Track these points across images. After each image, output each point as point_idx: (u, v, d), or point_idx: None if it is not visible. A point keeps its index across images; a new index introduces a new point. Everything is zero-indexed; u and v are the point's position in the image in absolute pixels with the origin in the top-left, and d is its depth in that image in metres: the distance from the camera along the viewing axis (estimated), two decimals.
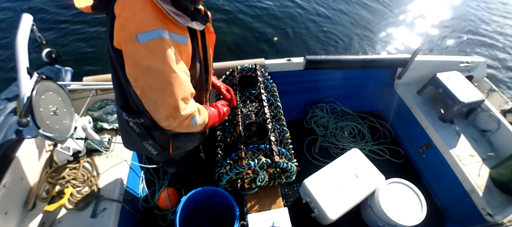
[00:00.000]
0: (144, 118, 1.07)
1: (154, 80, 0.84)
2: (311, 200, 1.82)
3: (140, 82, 0.86)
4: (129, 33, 0.79)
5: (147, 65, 0.82)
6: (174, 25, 0.85)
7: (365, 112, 2.88)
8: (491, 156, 2.06)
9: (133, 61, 0.83)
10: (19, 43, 1.19)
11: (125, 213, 1.60)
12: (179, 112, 0.92)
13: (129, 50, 0.81)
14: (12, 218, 1.33)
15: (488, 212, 1.78)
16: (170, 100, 0.88)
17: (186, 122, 0.99)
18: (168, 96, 0.87)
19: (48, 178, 1.55)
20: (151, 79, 0.83)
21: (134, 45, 0.79)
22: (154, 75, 0.83)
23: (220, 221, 1.86)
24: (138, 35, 0.78)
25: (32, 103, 1.13)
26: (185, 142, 1.29)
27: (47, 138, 1.20)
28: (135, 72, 0.84)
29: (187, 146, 1.33)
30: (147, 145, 1.17)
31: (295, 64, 2.28)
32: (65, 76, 1.69)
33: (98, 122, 1.88)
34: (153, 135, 1.14)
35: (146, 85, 0.85)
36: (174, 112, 0.91)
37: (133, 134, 1.14)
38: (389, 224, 1.77)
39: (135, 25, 0.78)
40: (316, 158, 2.50)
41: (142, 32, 0.78)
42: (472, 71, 2.48)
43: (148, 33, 0.78)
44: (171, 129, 0.99)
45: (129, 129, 1.13)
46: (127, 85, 0.95)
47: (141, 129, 1.11)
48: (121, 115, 1.13)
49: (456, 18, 5.88)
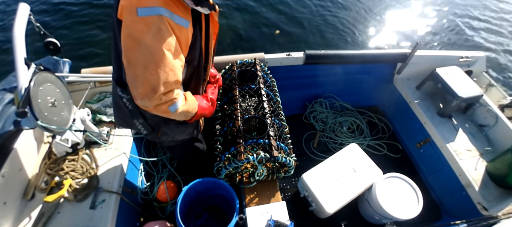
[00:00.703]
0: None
1: (141, 55, 0.84)
2: (309, 194, 1.84)
3: (127, 53, 0.86)
4: (130, 5, 0.81)
5: (139, 38, 0.82)
6: (177, 7, 0.85)
7: (364, 108, 2.88)
8: (488, 150, 2.08)
9: (127, 32, 0.84)
10: (17, 34, 1.18)
11: (124, 205, 1.61)
12: (156, 93, 0.89)
13: (127, 20, 0.83)
14: (11, 208, 1.34)
15: (483, 205, 1.81)
16: (150, 78, 0.86)
17: (164, 106, 0.96)
18: (150, 73, 0.86)
19: (47, 169, 1.55)
20: (138, 52, 0.84)
21: (132, 17, 0.81)
22: (142, 49, 0.83)
23: (219, 214, 1.87)
24: (138, 9, 0.80)
25: (30, 94, 1.13)
26: (174, 130, 1.27)
27: (45, 129, 1.20)
28: (126, 42, 0.85)
29: (176, 135, 1.32)
30: (137, 123, 1.17)
31: (295, 59, 2.27)
32: (63, 68, 1.68)
33: (97, 114, 1.87)
34: (144, 114, 1.14)
35: (132, 57, 0.85)
36: (150, 92, 0.89)
37: (125, 110, 1.14)
38: (386, 218, 1.80)
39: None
40: (314, 153, 2.51)
41: (143, 7, 0.80)
42: (471, 66, 2.49)
43: (148, 8, 0.80)
44: (147, 110, 0.98)
45: (122, 104, 1.14)
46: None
47: (133, 106, 1.10)
48: (115, 89, 1.13)
49: (456, 13, 5.85)
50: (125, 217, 1.64)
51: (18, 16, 1.22)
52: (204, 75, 1.21)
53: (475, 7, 6.18)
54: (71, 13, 4.40)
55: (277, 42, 4.45)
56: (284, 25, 4.75)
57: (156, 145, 2.25)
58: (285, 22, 4.81)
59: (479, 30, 5.52)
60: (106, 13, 4.45)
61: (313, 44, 4.58)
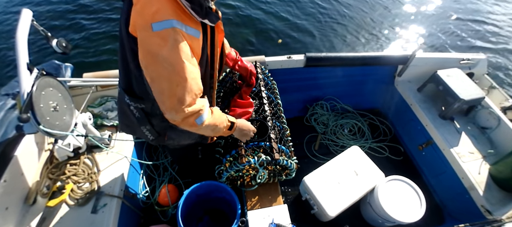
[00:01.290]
0: (146, 104, 1.09)
1: (162, 69, 0.85)
2: (310, 197, 1.83)
3: (149, 70, 0.88)
4: (144, 21, 0.82)
5: (157, 53, 0.83)
6: (188, 19, 0.88)
7: (365, 110, 2.88)
8: (491, 153, 2.07)
9: (145, 49, 0.85)
10: (19, 39, 1.19)
11: (125, 209, 1.61)
12: (183, 104, 0.91)
13: (143, 37, 0.84)
14: (13, 213, 1.34)
15: (487, 209, 1.79)
16: (176, 89, 0.88)
17: (191, 119, 0.97)
18: (175, 85, 0.88)
19: (49, 173, 1.55)
20: (160, 67, 0.85)
21: (148, 32, 0.82)
22: (163, 64, 0.84)
23: (221, 217, 1.86)
24: (153, 24, 0.81)
25: (32, 99, 1.14)
26: (180, 135, 1.29)
27: (47, 134, 1.20)
28: (146, 59, 0.87)
29: (181, 140, 1.33)
30: (144, 129, 1.19)
31: (296, 62, 2.27)
32: (65, 72, 1.69)
33: (99, 119, 1.88)
34: (151, 121, 1.16)
35: (155, 73, 0.87)
36: (177, 104, 0.91)
37: (132, 117, 1.16)
38: (388, 221, 1.78)
39: (151, 14, 0.81)
40: (316, 156, 2.50)
41: (157, 21, 0.81)
42: (472, 68, 2.48)
43: (162, 22, 0.81)
44: (176, 124, 0.98)
45: (128, 112, 1.15)
46: (136, 71, 0.96)
47: (141, 113, 1.12)
48: (122, 97, 1.14)
49: (457, 15, 5.85)
50: (127, 221, 1.64)
51: (21, 21, 1.23)
52: (210, 82, 1.22)
53: (477, 10, 6.18)
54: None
55: (279, 51, 4.43)
56: (287, 33, 4.74)
57: (157, 148, 2.26)
58: (287, 30, 4.81)
59: (481, 32, 5.52)
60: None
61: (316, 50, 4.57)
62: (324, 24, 5.06)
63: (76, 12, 4.54)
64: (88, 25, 4.36)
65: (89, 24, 4.37)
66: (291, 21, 5.00)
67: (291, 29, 4.83)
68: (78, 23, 4.37)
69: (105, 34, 4.22)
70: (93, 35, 4.20)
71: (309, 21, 5.07)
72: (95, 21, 4.44)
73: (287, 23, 4.94)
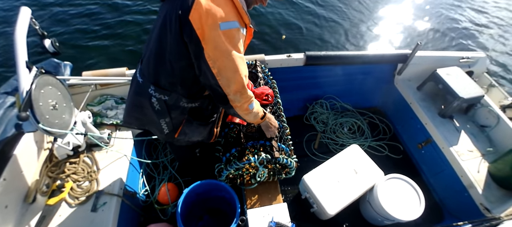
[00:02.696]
0: (170, 95, 1.17)
1: (229, 61, 1.02)
2: (310, 195, 1.83)
3: (218, 63, 1.01)
4: (213, 21, 0.95)
5: (225, 49, 0.99)
6: (243, 22, 1.05)
7: (364, 109, 2.88)
8: (490, 151, 2.07)
9: (214, 45, 0.98)
10: (18, 37, 1.19)
11: (125, 208, 1.61)
12: (245, 88, 1.11)
13: (212, 35, 0.97)
14: (12, 211, 1.34)
15: (486, 206, 1.80)
16: (240, 78, 1.07)
17: (247, 103, 1.17)
18: (239, 75, 1.06)
19: (48, 172, 1.55)
20: (227, 60, 1.01)
21: (216, 31, 0.96)
22: (230, 57, 1.01)
23: (220, 216, 1.87)
24: (221, 24, 0.96)
25: (32, 97, 1.13)
26: (193, 131, 1.34)
27: (46, 133, 1.20)
28: (214, 54, 1.00)
29: (193, 135, 1.37)
30: (163, 122, 1.26)
31: (295, 60, 2.27)
32: (64, 70, 1.69)
33: (98, 117, 1.87)
34: (171, 114, 1.23)
35: (222, 65, 1.02)
36: (242, 88, 1.10)
37: (149, 109, 1.23)
38: (388, 219, 1.79)
39: (219, 15, 0.95)
40: (315, 154, 2.51)
41: (224, 21, 0.96)
42: (472, 67, 2.48)
43: (228, 22, 0.97)
44: (234, 106, 1.15)
45: (146, 104, 1.22)
46: (179, 60, 1.08)
47: (162, 106, 1.20)
48: (143, 88, 1.20)
49: (457, 14, 5.85)
50: (126, 219, 1.64)
51: (20, 19, 1.22)
52: None
53: (477, 8, 6.18)
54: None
55: (283, 47, 4.41)
56: (291, 29, 4.70)
57: (157, 147, 2.26)
58: (292, 26, 4.77)
59: (480, 31, 5.52)
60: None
61: (319, 48, 4.55)
62: (325, 21, 5.05)
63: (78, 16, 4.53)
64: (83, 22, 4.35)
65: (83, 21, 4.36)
66: (296, 16, 4.97)
67: (295, 24, 4.80)
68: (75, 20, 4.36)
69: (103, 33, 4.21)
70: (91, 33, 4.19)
71: (313, 17, 5.05)
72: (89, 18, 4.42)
73: (292, 18, 4.91)
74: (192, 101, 1.22)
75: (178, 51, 1.05)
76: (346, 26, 5.07)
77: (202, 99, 1.25)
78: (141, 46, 4.11)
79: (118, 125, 1.91)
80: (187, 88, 1.17)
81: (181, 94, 1.17)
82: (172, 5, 1.03)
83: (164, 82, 1.16)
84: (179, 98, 1.18)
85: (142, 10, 4.72)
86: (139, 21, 4.46)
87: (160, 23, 1.09)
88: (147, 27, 4.37)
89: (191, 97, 1.20)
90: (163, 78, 1.15)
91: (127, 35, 4.23)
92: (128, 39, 4.17)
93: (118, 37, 4.18)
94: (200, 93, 1.23)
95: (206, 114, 1.33)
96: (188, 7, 0.96)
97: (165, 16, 1.06)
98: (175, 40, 1.03)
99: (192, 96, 1.21)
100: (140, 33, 4.27)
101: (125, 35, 4.22)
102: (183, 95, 1.18)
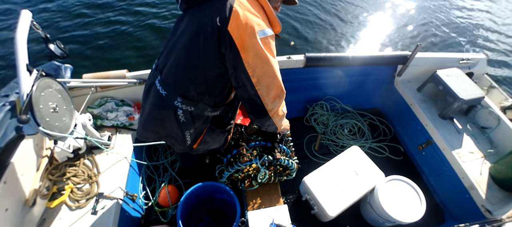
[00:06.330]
0: (197, 106, 1.16)
1: (268, 67, 1.06)
2: (310, 197, 1.83)
3: (258, 70, 1.04)
4: (251, 29, 0.98)
5: (264, 56, 1.03)
6: (273, 27, 1.09)
7: (365, 110, 2.88)
8: (490, 152, 2.07)
9: (254, 52, 1.01)
10: (19, 40, 1.19)
11: (125, 210, 1.61)
12: (284, 92, 1.15)
13: (251, 42, 1.00)
14: (12, 214, 1.33)
15: (487, 208, 1.79)
16: (278, 82, 1.12)
17: (283, 107, 1.25)
18: (277, 79, 1.10)
19: (49, 175, 1.55)
20: (266, 66, 1.05)
21: (255, 39, 0.99)
22: (269, 63, 1.05)
23: (221, 218, 1.86)
24: (259, 31, 0.99)
25: (32, 100, 1.13)
26: (214, 139, 1.35)
27: (47, 135, 1.20)
28: (254, 61, 1.03)
29: (212, 144, 1.38)
30: (187, 133, 1.24)
31: (295, 62, 2.27)
32: (65, 73, 1.69)
33: (98, 119, 1.88)
34: (195, 124, 1.23)
35: (262, 72, 1.05)
36: (281, 93, 1.15)
37: (173, 122, 1.19)
38: (389, 221, 1.78)
39: (257, 23, 0.99)
40: (316, 156, 2.50)
41: (261, 30, 1.00)
42: (472, 68, 2.48)
43: (264, 30, 1.01)
44: (272, 114, 1.19)
45: (171, 117, 1.18)
46: (213, 69, 1.09)
47: (188, 117, 1.19)
48: (167, 102, 1.15)
49: (457, 15, 5.86)
50: (127, 222, 1.64)
51: (20, 23, 1.22)
52: None
53: (477, 9, 6.19)
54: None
55: (290, 52, 4.40)
56: (300, 35, 4.71)
57: (157, 149, 2.25)
58: (301, 32, 4.78)
59: (480, 32, 5.52)
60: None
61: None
62: (333, 31, 5.05)
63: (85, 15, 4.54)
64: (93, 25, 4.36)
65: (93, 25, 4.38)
66: (305, 23, 4.99)
67: (304, 31, 4.81)
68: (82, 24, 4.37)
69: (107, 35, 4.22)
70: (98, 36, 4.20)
71: (322, 23, 5.05)
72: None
73: (303, 25, 4.93)
74: (216, 110, 1.24)
75: (214, 61, 1.06)
76: (350, 28, 5.03)
77: (223, 107, 1.27)
78: (141, 47, 4.13)
79: (118, 127, 1.92)
80: (214, 97, 1.19)
81: (207, 104, 1.18)
82: (205, 16, 1.03)
83: (193, 92, 1.14)
84: (205, 108, 1.18)
85: (143, 10, 4.76)
86: (140, 23, 4.49)
87: (190, 34, 1.06)
88: (147, 29, 4.41)
89: (215, 106, 1.22)
90: (193, 88, 1.13)
91: (127, 36, 4.25)
92: (130, 41, 4.19)
93: (118, 38, 4.20)
94: (223, 102, 1.25)
95: (225, 121, 1.35)
96: (226, 18, 0.97)
97: (197, 27, 1.04)
98: (212, 51, 1.04)
99: (216, 105, 1.22)
100: (140, 35, 4.30)
101: (126, 37, 4.25)
102: (208, 104, 1.18)
